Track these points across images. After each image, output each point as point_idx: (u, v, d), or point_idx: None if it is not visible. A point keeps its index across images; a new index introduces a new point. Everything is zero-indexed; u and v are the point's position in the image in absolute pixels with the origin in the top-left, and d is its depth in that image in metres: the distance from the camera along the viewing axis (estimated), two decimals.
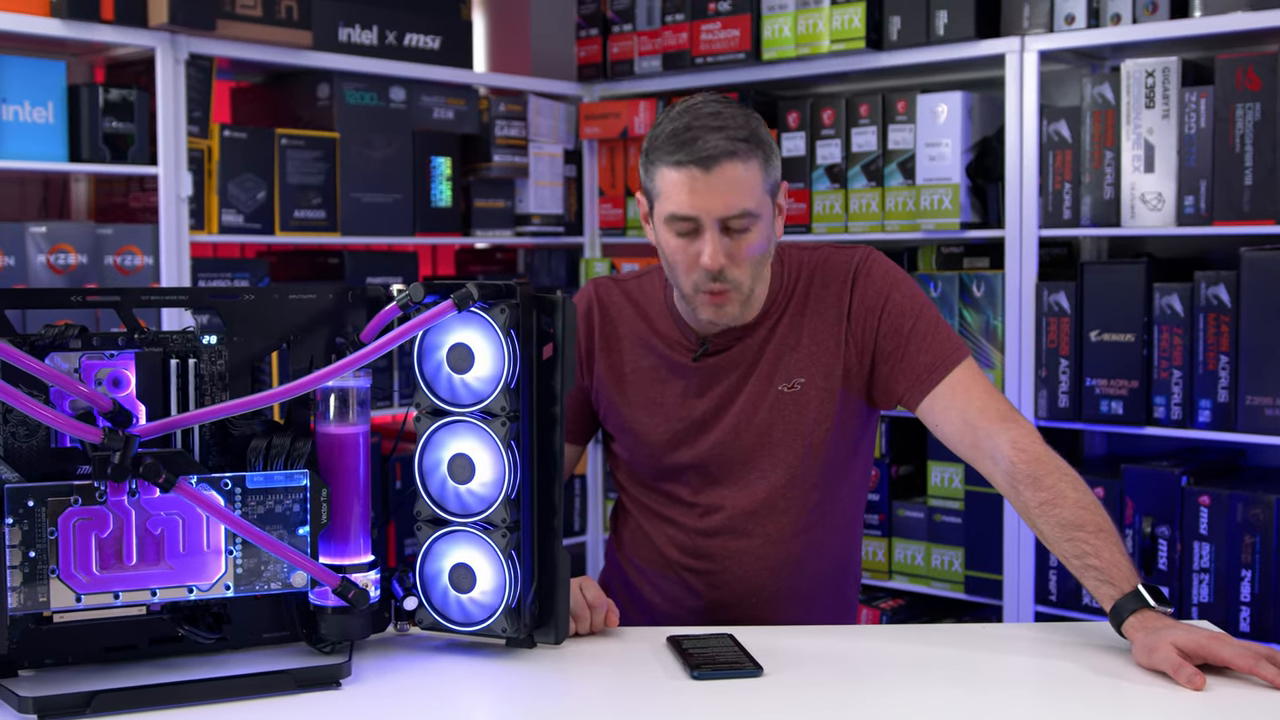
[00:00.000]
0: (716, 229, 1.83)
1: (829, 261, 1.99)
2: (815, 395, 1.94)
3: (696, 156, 1.81)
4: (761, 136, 1.85)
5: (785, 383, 1.95)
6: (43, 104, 2.81)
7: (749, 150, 1.82)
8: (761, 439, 1.95)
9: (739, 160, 1.81)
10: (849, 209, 3.29)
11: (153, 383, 1.55)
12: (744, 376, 1.96)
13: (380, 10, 3.36)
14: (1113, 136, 2.88)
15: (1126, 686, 1.54)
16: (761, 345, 1.96)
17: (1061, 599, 2.99)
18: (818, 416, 1.94)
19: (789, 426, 1.95)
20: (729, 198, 1.81)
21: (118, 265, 2.91)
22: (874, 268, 1.97)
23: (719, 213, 1.82)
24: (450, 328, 1.59)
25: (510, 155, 3.62)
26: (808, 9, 3.31)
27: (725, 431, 1.96)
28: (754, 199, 1.83)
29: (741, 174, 1.82)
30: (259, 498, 1.53)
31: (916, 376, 1.92)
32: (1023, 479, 1.77)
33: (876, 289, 1.96)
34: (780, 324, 1.97)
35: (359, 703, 1.47)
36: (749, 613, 1.97)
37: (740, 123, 1.84)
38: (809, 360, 1.95)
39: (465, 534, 1.61)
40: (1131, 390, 2.86)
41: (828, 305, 1.96)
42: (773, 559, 1.97)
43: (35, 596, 1.44)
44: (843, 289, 1.96)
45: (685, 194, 1.82)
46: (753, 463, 1.96)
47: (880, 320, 1.94)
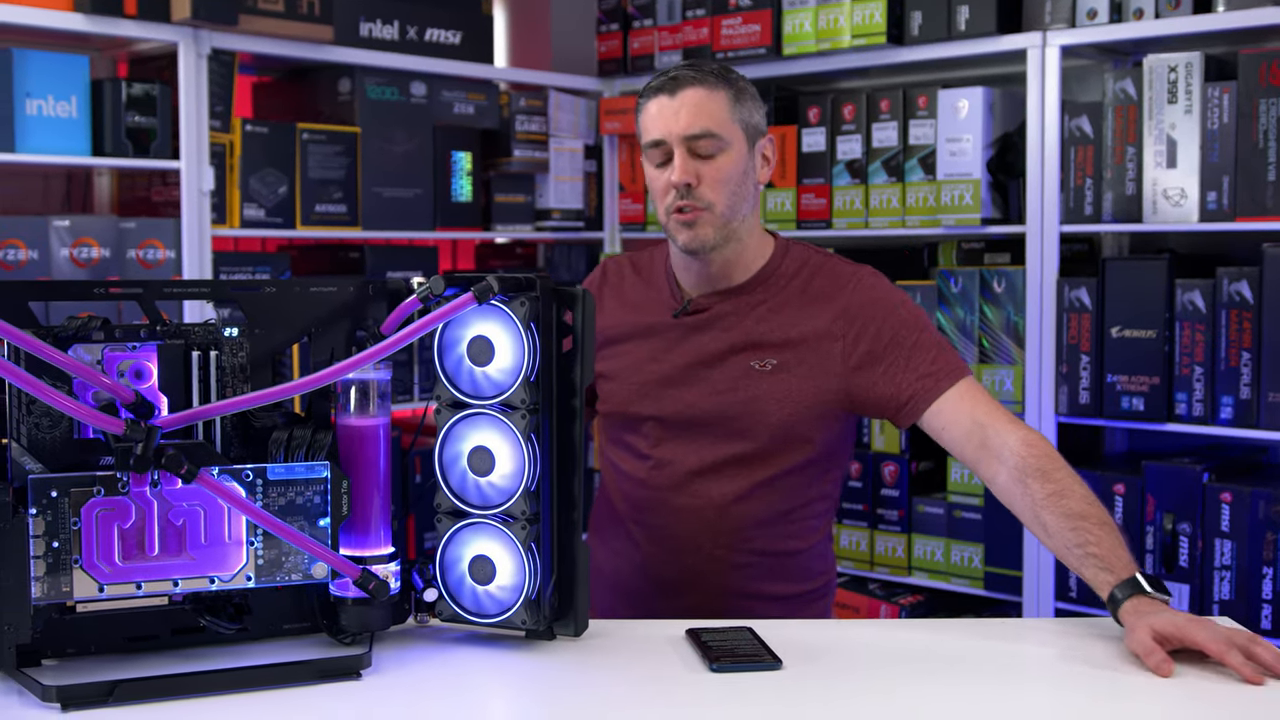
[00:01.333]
0: (683, 148, 1.95)
1: (834, 265, 2.06)
2: (784, 380, 1.99)
3: (664, 82, 1.98)
4: (733, 79, 1.99)
5: (758, 360, 2.00)
6: (66, 98, 2.82)
7: (716, 82, 1.96)
8: (723, 406, 2.00)
9: (703, 87, 1.95)
10: (869, 204, 3.29)
11: (175, 374, 1.55)
12: (719, 342, 2.02)
13: (401, 5, 3.37)
14: (1135, 132, 2.87)
15: (1146, 682, 1.54)
16: (743, 316, 2.02)
17: (1082, 595, 2.98)
18: (781, 399, 1.98)
19: (750, 401, 1.99)
20: (692, 116, 1.94)
21: (140, 259, 2.93)
22: (880, 280, 2.05)
23: (681, 130, 1.94)
24: (470, 320, 1.60)
25: (530, 150, 3.63)
26: (829, 4, 3.30)
27: (690, 390, 2.02)
28: (717, 123, 1.95)
29: (704, 99, 1.95)
30: (280, 489, 1.54)
31: (924, 382, 1.95)
32: (1033, 472, 1.81)
33: (881, 298, 2.01)
34: (767, 302, 2.03)
35: (379, 694, 1.47)
36: (685, 574, 2.02)
37: (715, 67, 1.99)
38: (787, 346, 2.00)
39: (485, 526, 1.61)
40: (1153, 387, 2.85)
41: (823, 301, 2.01)
42: (712, 522, 2.01)
43: (58, 586, 1.46)
44: (842, 289, 2.02)
45: (654, 119, 1.98)
46: (710, 426, 2.01)
47: (882, 325, 1.98)
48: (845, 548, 3.38)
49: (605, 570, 2.12)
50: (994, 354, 3.09)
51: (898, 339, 1.97)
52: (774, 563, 2.04)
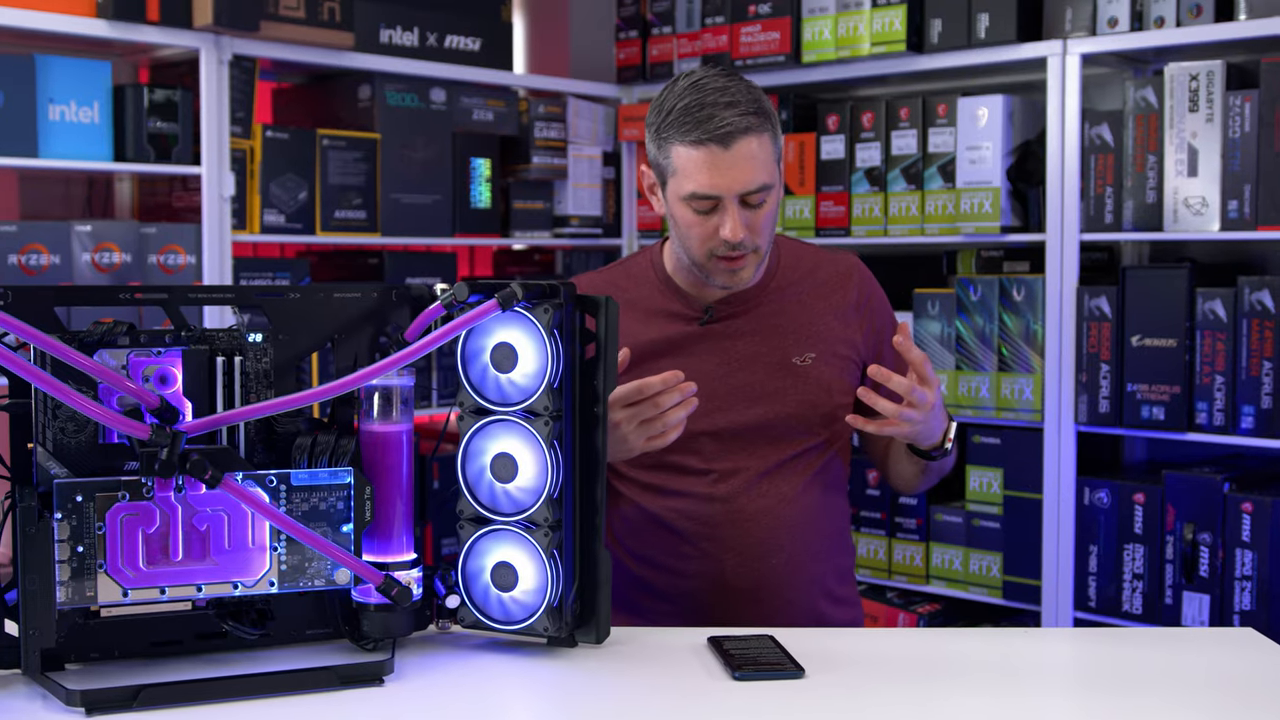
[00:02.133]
0: (736, 204, 1.90)
1: (827, 256, 2.13)
2: (824, 370, 2.03)
3: (714, 134, 1.86)
4: (766, 108, 1.92)
5: (797, 356, 2.03)
6: (89, 104, 2.84)
7: (761, 124, 1.89)
8: (776, 408, 2.01)
9: (753, 135, 1.88)
10: (888, 212, 3.28)
11: (199, 380, 1.56)
12: (754, 345, 2.03)
13: (421, 12, 3.37)
14: (1155, 140, 2.86)
15: (1165, 694, 1.53)
16: (768, 314, 2.04)
17: (1100, 605, 2.97)
18: (830, 388, 2.03)
19: (802, 397, 2.02)
20: (749, 174, 1.88)
21: (161, 264, 2.94)
22: (869, 274, 2.15)
23: (740, 189, 1.88)
24: (494, 327, 1.60)
25: (549, 157, 3.63)
26: (848, 11, 3.30)
27: (740, 398, 2.01)
28: (769, 172, 1.91)
29: (757, 149, 1.88)
30: (304, 495, 1.54)
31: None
32: None
33: (880, 293, 2.15)
34: (784, 297, 2.06)
35: (402, 700, 1.47)
36: (770, 575, 2.01)
37: (748, 96, 1.90)
38: (815, 337, 2.04)
39: (507, 533, 1.61)
40: (1173, 396, 2.84)
41: (835, 291, 2.08)
42: (788, 517, 2.02)
43: (83, 591, 1.46)
44: (848, 278, 2.10)
45: (705, 173, 1.88)
46: (768, 429, 2.01)
47: (885, 322, 2.12)
48: (864, 556, 3.38)
49: (672, 594, 2.04)
50: (1013, 362, 3.09)
51: (887, 327, 2.12)
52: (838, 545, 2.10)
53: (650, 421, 1.78)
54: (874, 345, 2.11)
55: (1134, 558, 2.92)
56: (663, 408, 1.78)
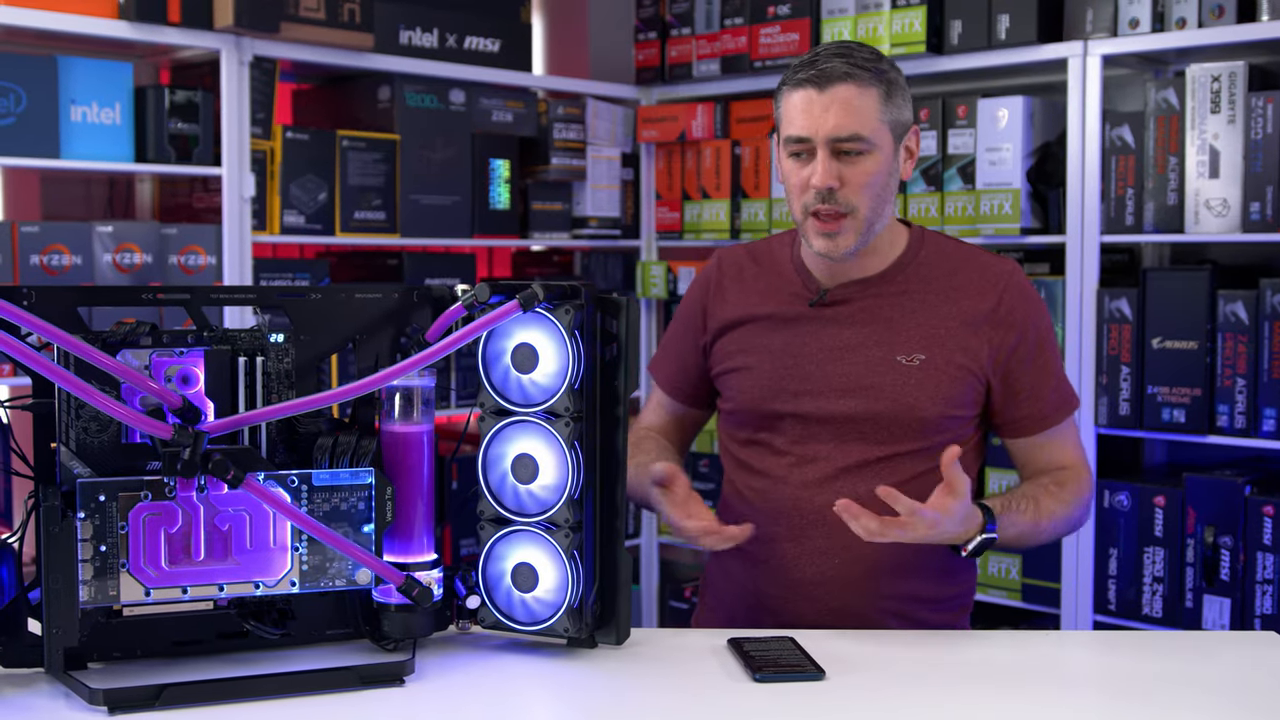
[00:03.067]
0: (827, 149, 1.86)
1: (980, 260, 2.00)
2: (933, 374, 1.92)
3: (813, 76, 1.86)
4: (886, 71, 1.89)
5: (905, 354, 1.93)
6: (110, 105, 2.85)
7: (869, 78, 1.86)
8: (872, 405, 1.93)
9: (854, 84, 1.85)
10: (908, 213, 3.28)
11: (221, 380, 1.56)
12: (861, 335, 1.95)
13: (441, 13, 3.38)
14: (1177, 142, 2.85)
15: (1187, 697, 1.53)
16: (885, 307, 1.96)
17: (1120, 609, 2.96)
18: (933, 396, 1.92)
19: (898, 397, 1.92)
20: (841, 118, 1.85)
21: (181, 265, 2.95)
22: (1028, 285, 1.99)
23: (829, 132, 1.85)
24: (515, 328, 1.60)
25: (568, 158, 3.63)
26: (868, 12, 3.30)
27: (834, 386, 1.94)
28: (867, 125, 1.86)
29: (855, 97, 1.85)
30: (325, 495, 1.54)
31: (1040, 411, 1.97)
32: (1058, 479, 1.93)
33: (1027, 307, 1.97)
34: (908, 292, 1.96)
35: (422, 700, 1.48)
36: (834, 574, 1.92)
37: (868, 55, 1.89)
38: (933, 339, 1.93)
39: (528, 533, 1.61)
40: (1194, 398, 2.83)
41: (972, 294, 1.96)
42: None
43: (105, 590, 1.47)
44: (990, 289, 1.96)
45: (800, 113, 1.88)
46: (857, 424, 1.94)
47: (1026, 332, 1.95)
48: None
49: (736, 577, 2.02)
50: None
51: (1035, 356, 1.96)
52: (924, 562, 1.95)
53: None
54: (1003, 363, 1.95)
55: (1154, 561, 2.91)
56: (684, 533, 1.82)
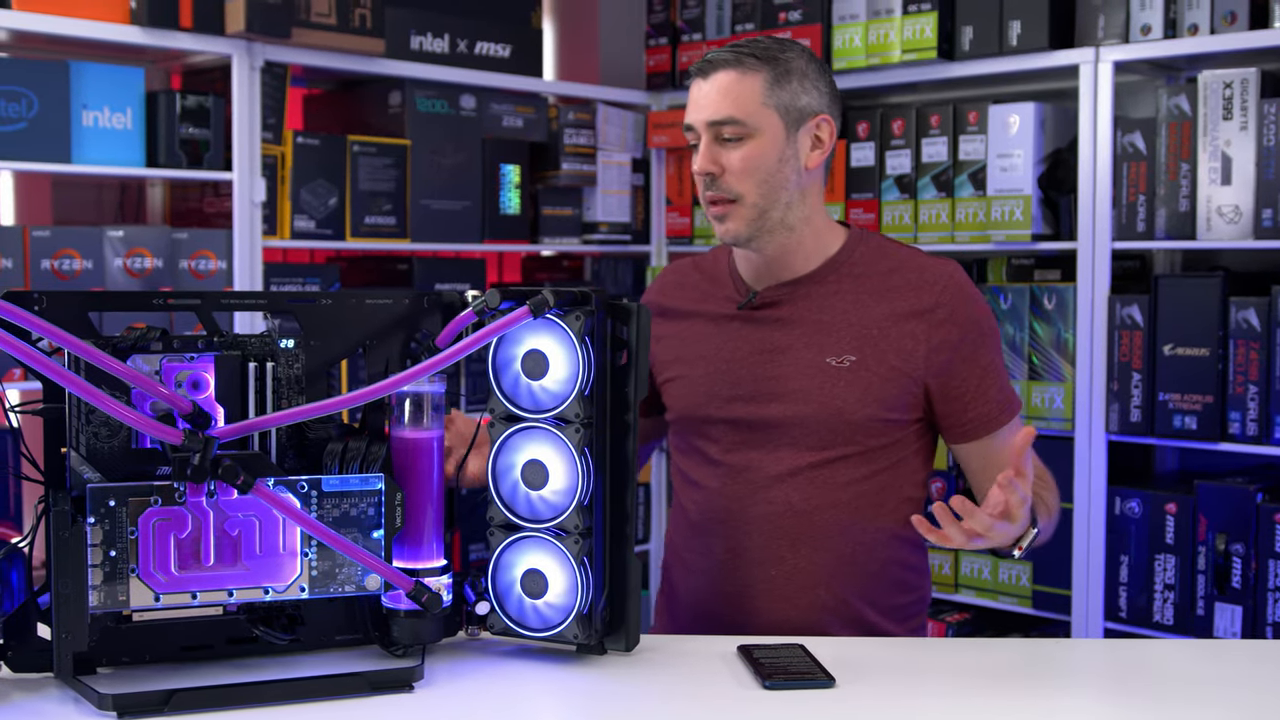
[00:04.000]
0: (708, 135, 1.87)
1: (919, 260, 1.96)
2: (863, 376, 1.89)
3: (700, 65, 1.89)
4: (779, 56, 1.87)
5: (835, 356, 1.90)
6: (121, 110, 2.85)
7: (754, 63, 1.86)
8: (801, 410, 1.90)
9: (735, 69, 1.86)
10: (918, 219, 3.27)
11: (231, 385, 1.56)
12: (791, 337, 1.93)
13: (452, 19, 3.38)
14: (1189, 149, 2.84)
15: (1198, 706, 1.52)
16: (815, 308, 1.93)
17: (1131, 616, 2.95)
18: (862, 398, 1.88)
19: (826, 400, 1.89)
20: (718, 101, 1.86)
21: (192, 269, 2.95)
22: (969, 285, 1.95)
23: (706, 116, 1.87)
24: (525, 335, 1.60)
25: (578, 163, 3.63)
26: (879, 18, 3.29)
27: (763, 392, 1.92)
28: (744, 109, 1.86)
29: (735, 82, 1.86)
30: (334, 501, 1.54)
31: (986, 414, 1.93)
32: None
33: (968, 309, 1.92)
34: (840, 292, 1.93)
35: (431, 706, 1.47)
36: (767, 586, 1.91)
37: (764, 44, 1.89)
38: (865, 339, 1.90)
39: (537, 540, 1.61)
40: (1206, 405, 2.82)
41: (907, 294, 1.91)
42: (792, 531, 1.91)
43: (115, 595, 1.47)
44: (930, 285, 1.91)
45: (690, 103, 1.91)
46: (787, 430, 1.91)
47: (965, 334, 1.91)
48: None
49: (679, 589, 2.01)
50: (1044, 371, 3.07)
51: (978, 356, 1.92)
52: (864, 572, 1.93)
53: None
54: (942, 363, 1.90)
55: (1165, 568, 2.90)
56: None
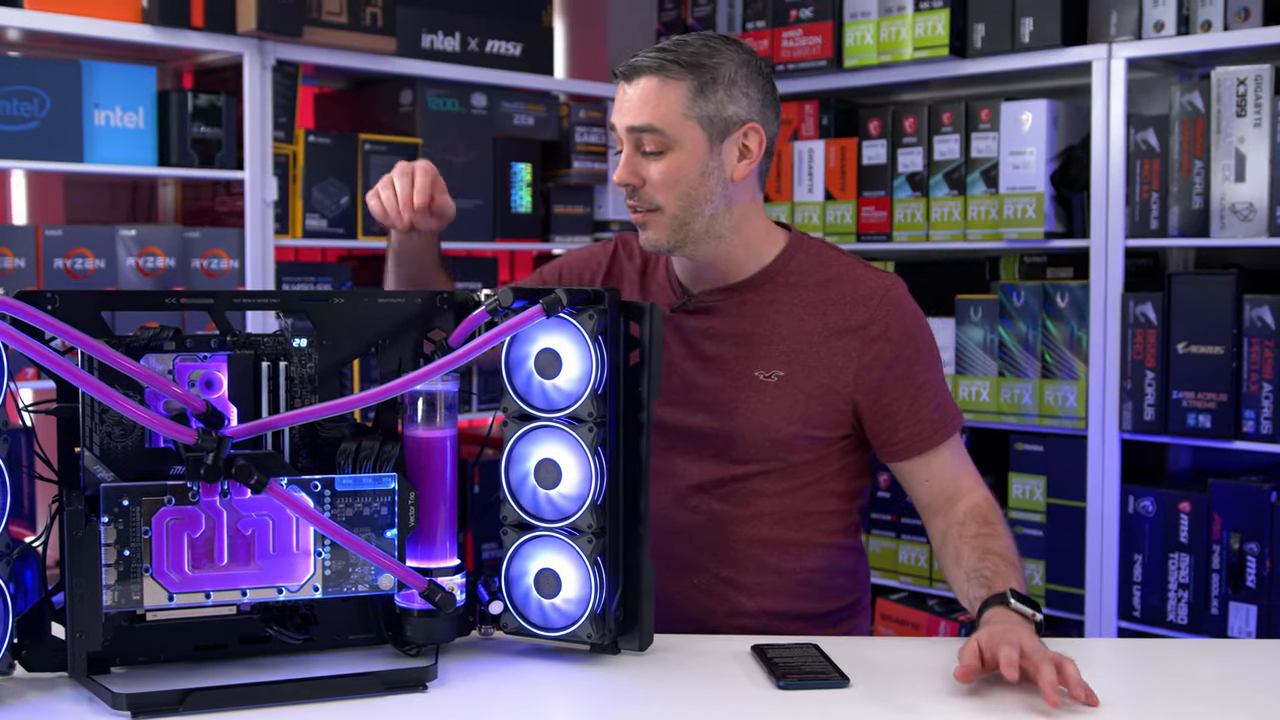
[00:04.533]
0: (630, 144, 1.81)
1: (857, 273, 1.89)
2: (790, 392, 1.84)
3: (625, 68, 1.82)
4: (705, 63, 1.78)
5: (764, 370, 1.85)
6: (133, 109, 2.86)
7: (678, 71, 1.77)
8: (726, 423, 1.86)
9: (658, 76, 1.78)
10: (930, 217, 3.27)
11: (244, 385, 1.56)
12: (722, 347, 1.87)
13: (463, 17, 3.38)
14: (1202, 145, 2.83)
15: (1213, 705, 1.51)
16: (748, 318, 1.87)
17: (1145, 615, 2.94)
18: (788, 415, 1.84)
19: (754, 417, 1.84)
20: (637, 110, 1.79)
21: (204, 268, 2.95)
22: (906, 301, 1.87)
23: (626, 122, 1.80)
24: (538, 333, 1.59)
25: (590, 161, 3.63)
26: (890, 15, 3.29)
27: (690, 399, 1.87)
28: (664, 119, 1.78)
29: (655, 91, 1.78)
30: (348, 500, 1.54)
31: (920, 433, 1.85)
32: (975, 517, 1.80)
33: (908, 322, 1.86)
34: (774, 302, 1.87)
35: (445, 706, 1.47)
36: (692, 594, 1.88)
37: (693, 49, 1.80)
38: (794, 355, 1.85)
39: (551, 539, 1.61)
40: (1220, 403, 2.81)
41: (842, 309, 1.85)
42: (716, 541, 1.88)
43: (129, 595, 1.46)
44: (865, 301, 1.85)
45: (616, 105, 1.84)
46: (711, 440, 1.87)
47: (900, 353, 1.84)
48: (904, 564, 3.36)
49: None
50: (1057, 369, 3.06)
51: (912, 374, 1.85)
52: (788, 582, 1.89)
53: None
54: (873, 381, 1.84)
55: (1179, 567, 2.89)
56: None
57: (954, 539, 1.81)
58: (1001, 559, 1.72)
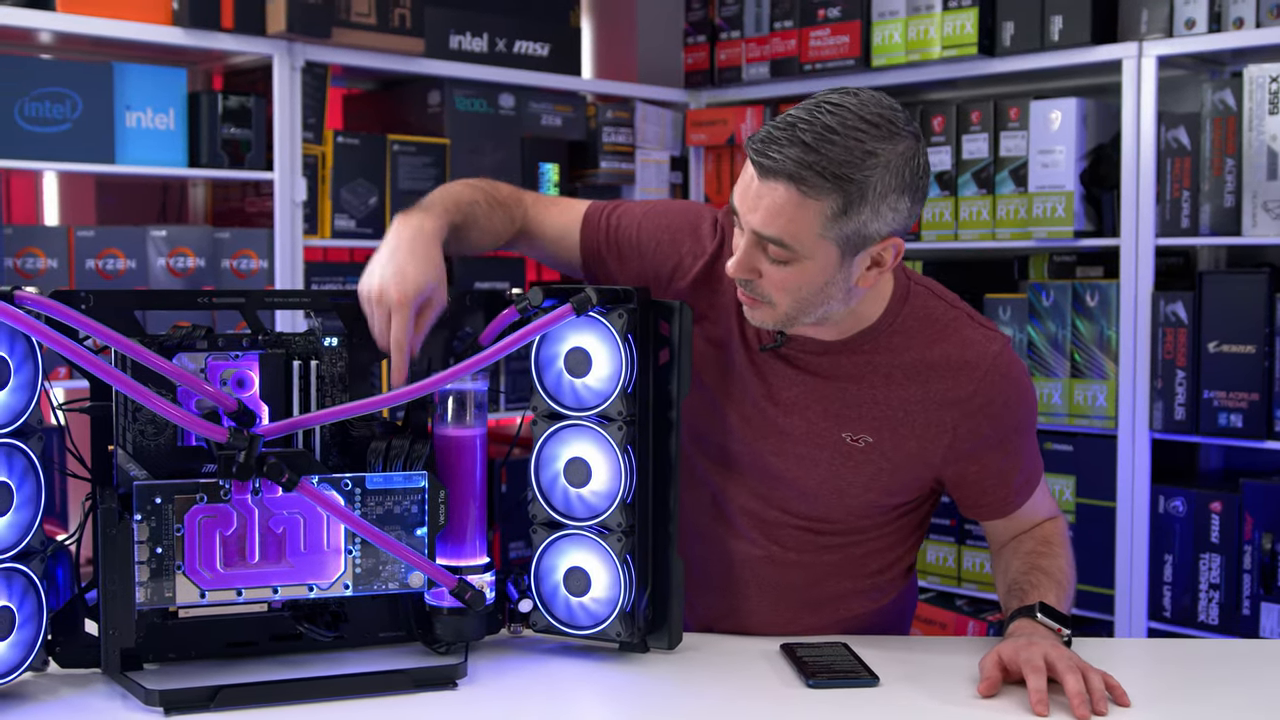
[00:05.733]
0: (750, 237, 1.59)
1: (963, 332, 1.74)
2: (876, 461, 1.72)
3: (758, 155, 1.55)
4: (853, 178, 1.53)
5: (851, 433, 1.72)
6: (164, 110, 2.87)
7: (820, 185, 1.53)
8: (803, 476, 1.74)
9: (797, 188, 1.53)
10: (959, 216, 3.26)
11: (275, 384, 1.57)
12: (808, 398, 1.73)
13: (491, 18, 3.39)
14: (1234, 143, 2.81)
15: (1243, 707, 1.50)
16: (841, 374, 1.73)
17: (1175, 616, 2.92)
18: (869, 483, 1.74)
19: (834, 479, 1.74)
20: (764, 215, 1.56)
21: (234, 268, 2.97)
22: (1012, 368, 1.73)
23: (752, 224, 1.58)
24: (568, 333, 1.60)
25: (617, 162, 3.63)
26: (919, 15, 3.28)
27: (764, 441, 1.75)
28: (795, 236, 1.56)
29: (791, 206, 1.54)
30: (378, 498, 1.55)
31: (1006, 496, 1.78)
32: (1038, 536, 1.79)
33: (1009, 397, 1.72)
34: (874, 364, 1.72)
35: (475, 703, 1.48)
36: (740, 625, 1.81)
37: (841, 154, 1.53)
38: (886, 421, 1.71)
39: (580, 537, 1.61)
40: (1251, 403, 2.79)
41: (944, 376, 1.71)
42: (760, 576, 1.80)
43: (161, 591, 1.48)
44: (969, 375, 1.70)
45: (741, 185, 1.60)
46: (782, 484, 1.76)
47: (999, 423, 1.72)
48: (932, 563, 3.35)
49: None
50: (1086, 369, 3.05)
51: (1006, 444, 1.74)
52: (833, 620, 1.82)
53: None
54: (964, 452, 1.72)
55: (1210, 567, 2.87)
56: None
57: (1008, 553, 1.80)
58: (1045, 575, 1.70)
